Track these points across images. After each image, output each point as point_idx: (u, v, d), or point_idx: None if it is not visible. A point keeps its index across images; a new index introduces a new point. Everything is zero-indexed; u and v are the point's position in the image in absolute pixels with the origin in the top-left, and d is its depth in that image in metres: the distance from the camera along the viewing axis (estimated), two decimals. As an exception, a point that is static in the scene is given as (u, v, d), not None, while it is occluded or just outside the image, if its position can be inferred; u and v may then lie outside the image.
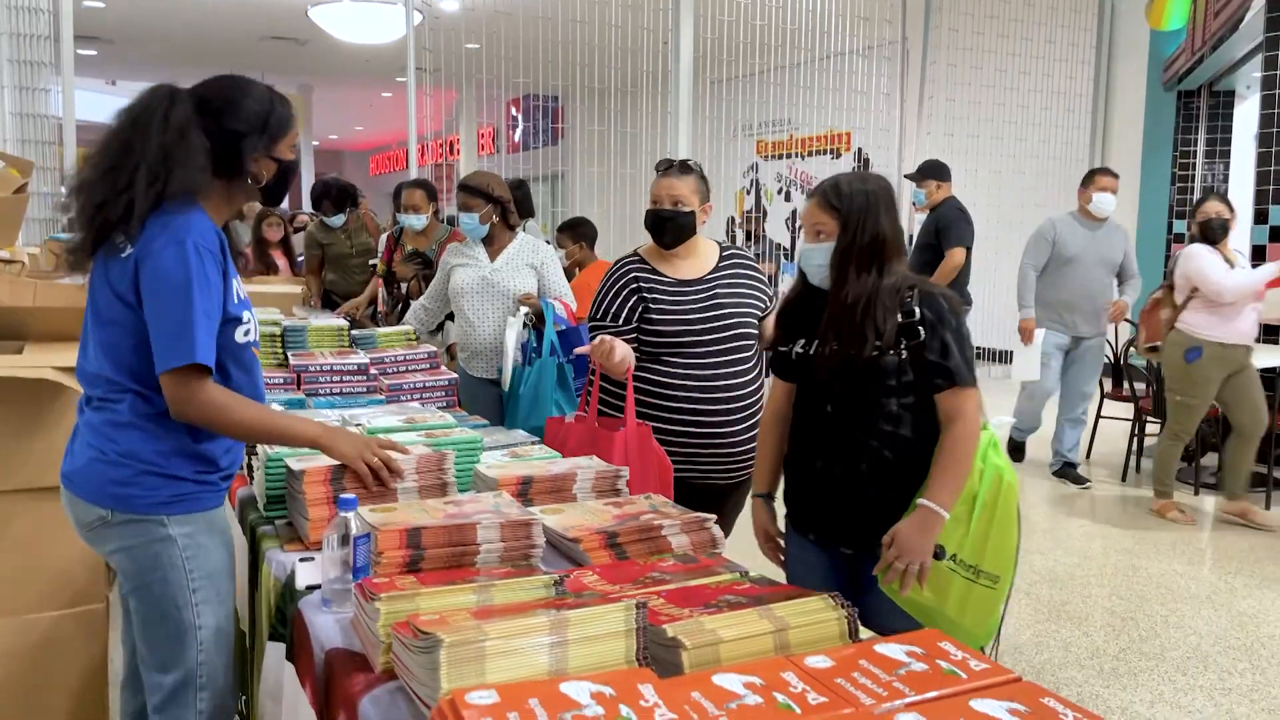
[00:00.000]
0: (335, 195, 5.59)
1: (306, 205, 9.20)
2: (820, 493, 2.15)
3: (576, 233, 4.99)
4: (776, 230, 11.72)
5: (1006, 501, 2.07)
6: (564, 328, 3.64)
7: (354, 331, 3.48)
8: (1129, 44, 8.65)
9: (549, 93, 10.26)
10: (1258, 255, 5.53)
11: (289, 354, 3.21)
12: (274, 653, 1.82)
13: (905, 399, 2.05)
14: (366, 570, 1.63)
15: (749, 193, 12.64)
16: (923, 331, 2.02)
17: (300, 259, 6.92)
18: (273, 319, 3.38)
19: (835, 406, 2.10)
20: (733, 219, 11.27)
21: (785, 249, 11.81)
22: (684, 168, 2.72)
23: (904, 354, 2.04)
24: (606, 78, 7.33)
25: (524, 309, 3.61)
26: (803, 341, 2.17)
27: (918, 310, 2.03)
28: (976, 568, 2.05)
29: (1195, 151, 8.54)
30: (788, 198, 12.29)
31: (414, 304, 3.86)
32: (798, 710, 1.19)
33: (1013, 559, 2.11)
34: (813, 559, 2.21)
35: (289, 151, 1.93)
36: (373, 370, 3.10)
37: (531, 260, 3.79)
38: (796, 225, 12.07)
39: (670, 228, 2.66)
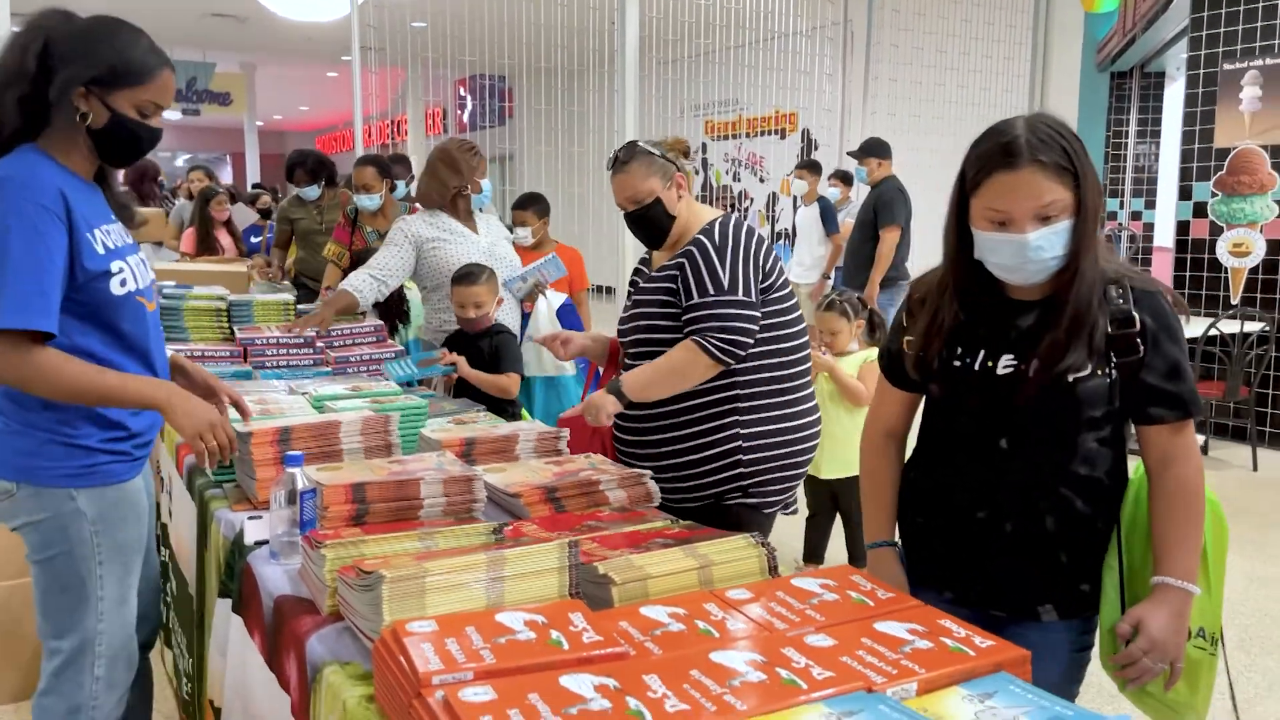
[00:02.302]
0: (310, 165, 5.38)
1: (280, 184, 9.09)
2: (979, 548, 1.64)
3: (540, 207, 4.84)
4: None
5: (1220, 541, 1.60)
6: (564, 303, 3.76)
7: (300, 305, 3.51)
8: (1064, 26, 8.86)
9: (496, 72, 10.25)
10: (1182, 230, 5.76)
11: (235, 328, 3.25)
12: (222, 608, 1.88)
13: (1103, 433, 1.59)
14: (313, 524, 1.70)
15: (698, 174, 12.73)
16: (1142, 346, 1.53)
17: (258, 241, 6.88)
18: (217, 294, 3.40)
19: (1014, 442, 1.59)
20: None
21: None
22: (624, 159, 2.34)
23: (1113, 374, 1.55)
24: (553, 57, 7.36)
25: (527, 282, 3.58)
26: (983, 353, 1.61)
27: (1136, 316, 1.53)
28: (1215, 637, 1.59)
29: (1127, 131, 8.80)
30: (736, 178, 12.41)
31: (360, 274, 3.44)
32: (716, 634, 1.29)
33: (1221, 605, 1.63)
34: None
35: (131, 109, 1.78)
36: (320, 343, 3.14)
37: (504, 234, 3.72)
38: (745, 204, 12.21)
39: (642, 227, 2.36)
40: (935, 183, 8.17)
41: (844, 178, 7.83)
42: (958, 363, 1.63)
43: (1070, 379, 1.54)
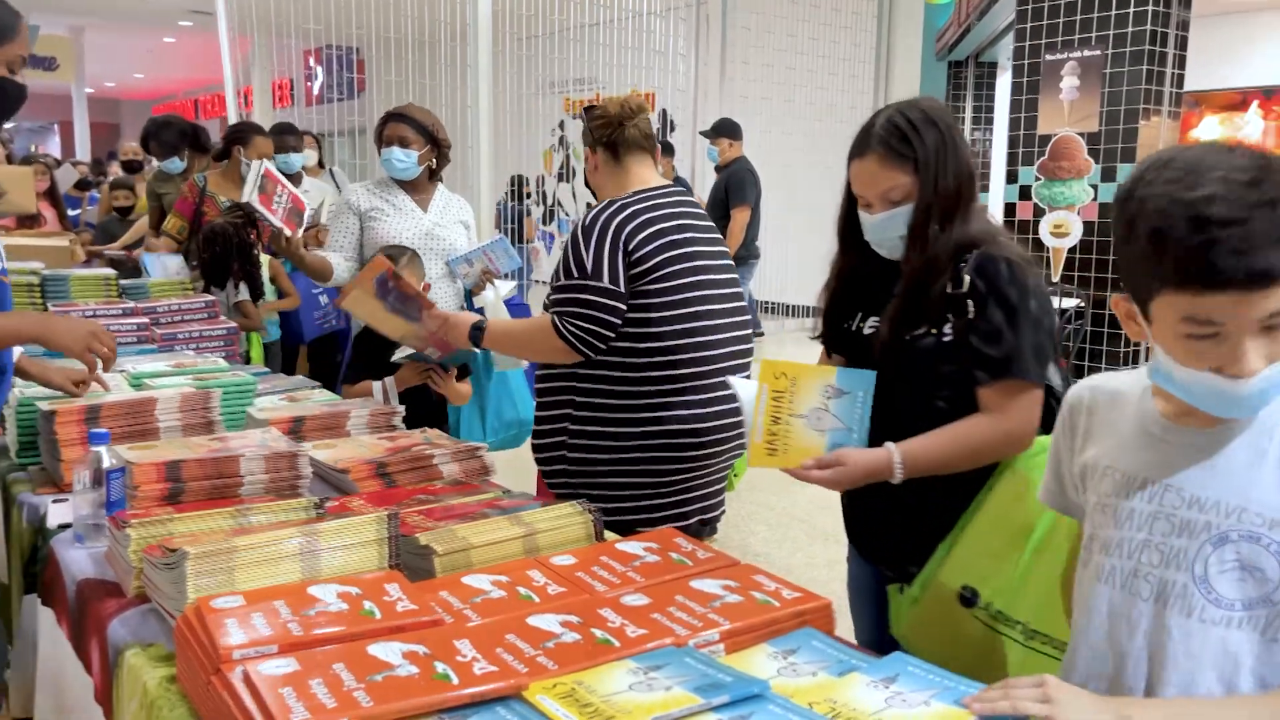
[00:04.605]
0: (167, 137, 4.92)
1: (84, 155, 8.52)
2: (862, 505, 1.77)
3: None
4: (586, 190, 11.82)
5: (1052, 544, 1.49)
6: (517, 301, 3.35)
7: (123, 281, 3.33)
8: (905, 14, 9.23)
9: (346, 43, 9.90)
10: (1009, 212, 6.10)
11: (49, 305, 3.05)
12: (30, 603, 1.78)
13: (949, 394, 1.63)
14: (122, 504, 1.62)
15: (557, 151, 12.67)
16: (971, 307, 1.59)
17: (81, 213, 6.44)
18: (31, 268, 3.18)
19: (878, 401, 1.64)
20: (522, 177, 11.12)
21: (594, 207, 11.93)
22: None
23: (948, 334, 1.61)
24: (403, 27, 7.16)
25: (473, 266, 3.16)
26: (859, 316, 1.75)
27: (968, 279, 1.59)
28: (1026, 626, 1.49)
29: (964, 119, 9.23)
30: (595, 156, 12.39)
31: (335, 260, 3.09)
32: (537, 599, 1.30)
33: None
34: (856, 573, 1.90)
35: (3, 66, 1.74)
36: (145, 320, 2.98)
37: (462, 216, 3.33)
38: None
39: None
40: (786, 163, 8.42)
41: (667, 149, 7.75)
42: (845, 324, 1.76)
43: (908, 338, 1.62)
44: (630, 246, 2.06)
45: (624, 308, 2.04)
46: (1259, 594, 1.02)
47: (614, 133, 2.20)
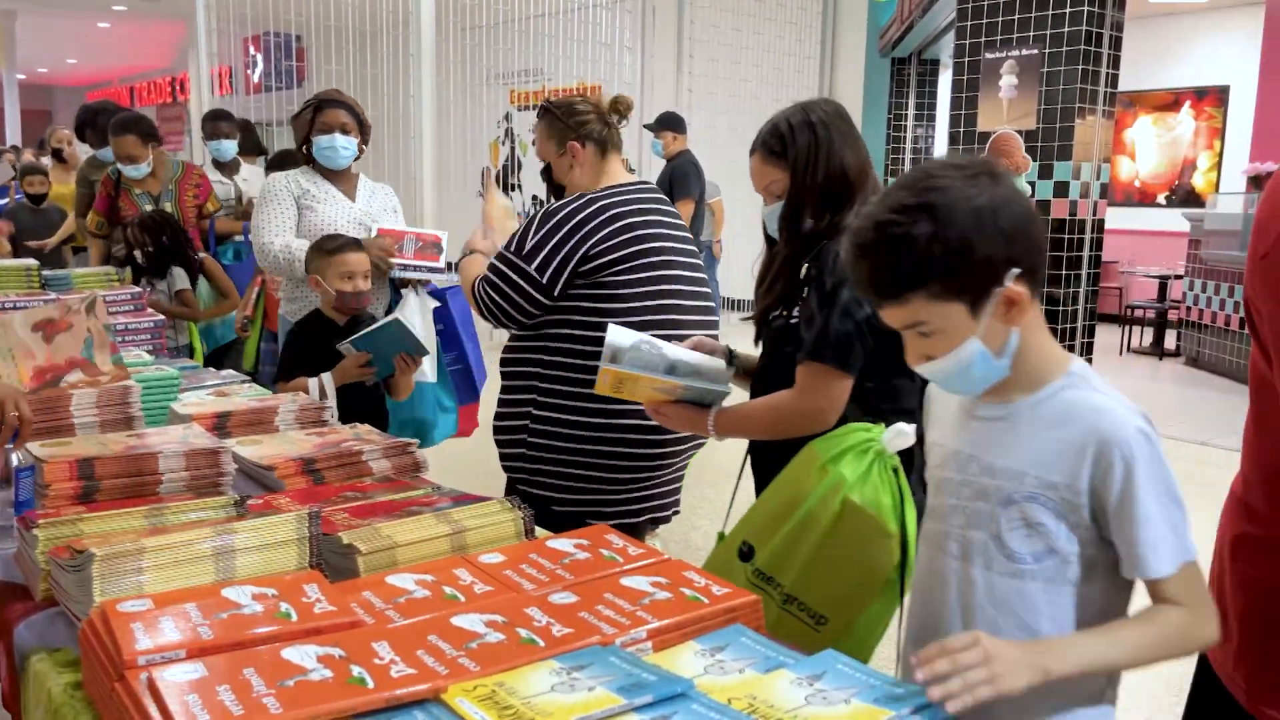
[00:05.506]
0: (105, 125, 4.62)
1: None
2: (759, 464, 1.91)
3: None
4: (533, 181, 11.75)
5: (854, 533, 1.52)
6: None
7: (46, 272, 3.22)
8: (850, 11, 9.30)
9: (286, 30, 9.72)
10: (950, 208, 6.19)
11: (-35, 296, 2.94)
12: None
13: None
14: (31, 504, 1.56)
15: (504, 143, 12.56)
16: (807, 291, 1.74)
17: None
18: (-54, 258, 3.07)
19: (763, 378, 1.84)
20: (486, 169, 11.14)
21: (541, 200, 11.88)
22: (538, 115, 2.33)
23: (794, 319, 1.76)
24: (344, 15, 7.04)
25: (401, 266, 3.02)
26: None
27: (806, 266, 1.75)
28: (782, 588, 1.57)
29: (907, 115, 9.34)
30: (542, 149, 12.31)
31: (290, 245, 2.98)
32: (463, 599, 1.27)
33: (854, 610, 1.55)
34: None
35: None
36: (66, 312, 2.89)
37: (391, 203, 3.26)
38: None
39: (548, 186, 2.35)
40: (732, 158, 8.39)
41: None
42: (772, 315, 1.89)
43: (770, 317, 1.82)
44: (589, 243, 2.10)
45: (545, 301, 2.12)
46: (1044, 547, 1.16)
47: (604, 130, 2.27)
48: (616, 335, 1.76)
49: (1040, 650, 1.09)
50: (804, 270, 1.73)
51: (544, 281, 2.10)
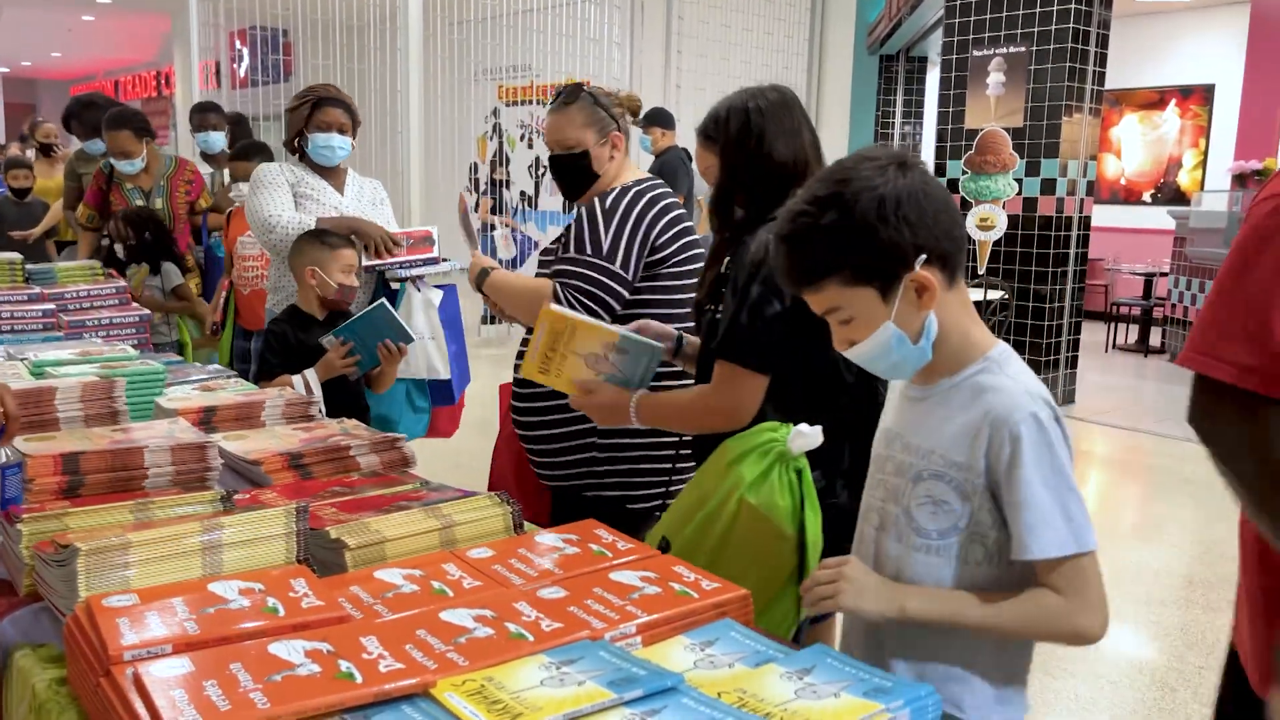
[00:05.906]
0: (91, 118, 4.70)
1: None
2: None
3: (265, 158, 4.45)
4: (520, 177, 11.72)
5: (750, 533, 1.49)
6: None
7: (30, 266, 3.19)
8: (838, 7, 9.31)
9: (273, 24, 9.67)
10: (937, 205, 6.21)
11: (-52, 290, 2.91)
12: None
13: None
14: (18, 500, 1.54)
15: (491, 139, 12.53)
16: (727, 285, 1.74)
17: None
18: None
19: (703, 370, 1.82)
20: (475, 164, 11.12)
21: (530, 196, 11.86)
22: (566, 100, 2.21)
23: (719, 314, 1.75)
24: (331, 9, 7.00)
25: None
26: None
27: (726, 260, 1.74)
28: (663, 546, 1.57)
29: (894, 112, 9.36)
30: (530, 144, 12.29)
31: (301, 220, 2.93)
32: (451, 594, 1.27)
33: (757, 609, 1.43)
34: None
35: None
36: (51, 306, 2.86)
37: (380, 195, 3.24)
38: (540, 172, 12.14)
39: (562, 176, 2.23)
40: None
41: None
42: (709, 308, 1.86)
43: (703, 309, 1.82)
44: (653, 234, 2.11)
45: (628, 295, 2.09)
46: (949, 524, 1.21)
47: (628, 125, 2.27)
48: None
49: (902, 589, 1.21)
50: (724, 264, 1.74)
51: (629, 277, 2.09)
